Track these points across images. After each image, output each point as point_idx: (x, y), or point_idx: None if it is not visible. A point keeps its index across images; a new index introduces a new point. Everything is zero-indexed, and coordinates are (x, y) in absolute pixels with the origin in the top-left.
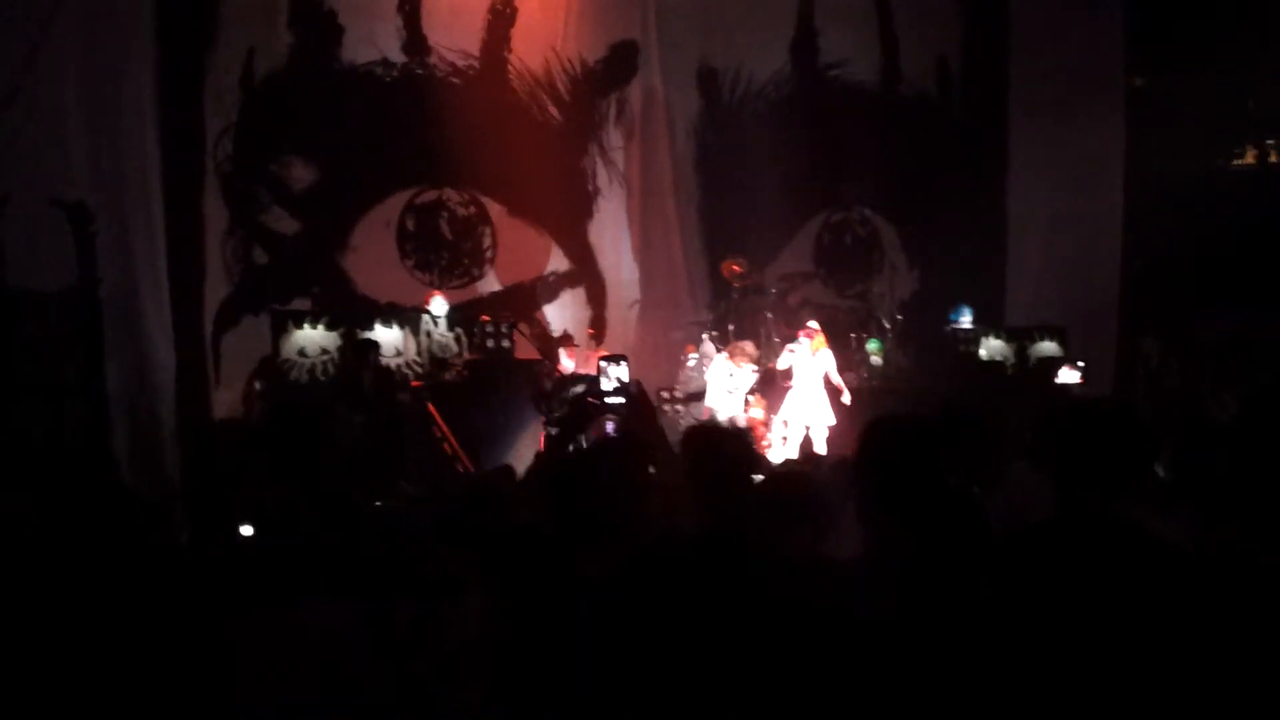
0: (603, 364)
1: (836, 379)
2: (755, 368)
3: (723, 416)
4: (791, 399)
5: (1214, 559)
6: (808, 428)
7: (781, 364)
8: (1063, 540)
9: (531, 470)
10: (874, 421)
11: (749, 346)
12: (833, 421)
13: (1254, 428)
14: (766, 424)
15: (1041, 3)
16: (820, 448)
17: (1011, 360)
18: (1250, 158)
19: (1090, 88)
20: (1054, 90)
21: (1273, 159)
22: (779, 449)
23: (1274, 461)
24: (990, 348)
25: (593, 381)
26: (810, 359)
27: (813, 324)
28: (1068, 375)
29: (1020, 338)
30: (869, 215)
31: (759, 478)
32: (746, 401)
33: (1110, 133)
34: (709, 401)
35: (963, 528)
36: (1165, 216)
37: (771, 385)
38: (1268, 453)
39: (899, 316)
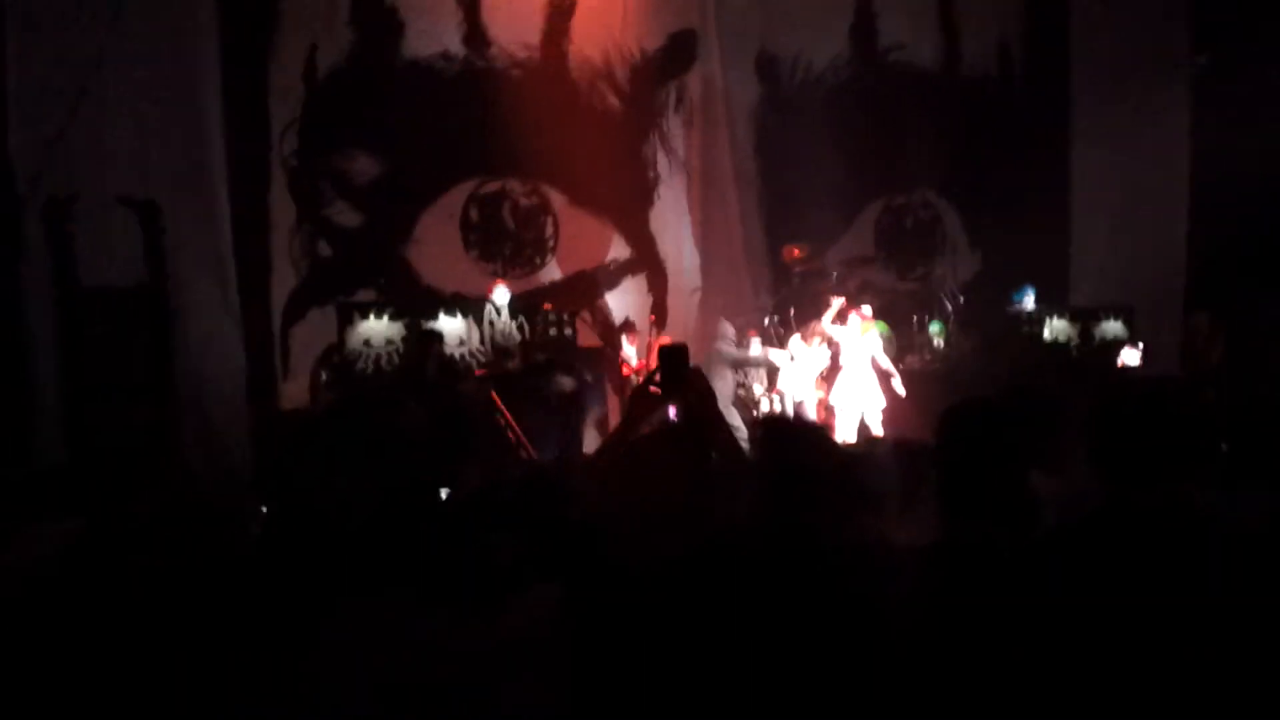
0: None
1: (885, 363)
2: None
3: (791, 399)
4: (841, 381)
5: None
6: (862, 412)
7: (826, 323)
8: (1115, 526)
9: (592, 458)
10: (958, 404)
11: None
12: (884, 404)
13: None
14: (827, 408)
15: None
16: (876, 430)
17: (1076, 341)
18: None
19: (1154, 66)
20: (1117, 69)
21: None
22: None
23: None
24: (1054, 329)
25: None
26: (858, 340)
27: (866, 309)
28: (1129, 356)
29: (1085, 319)
30: (931, 198)
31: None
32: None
33: (1175, 111)
34: (780, 384)
35: (1030, 517)
36: (1232, 195)
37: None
38: None
39: (961, 298)
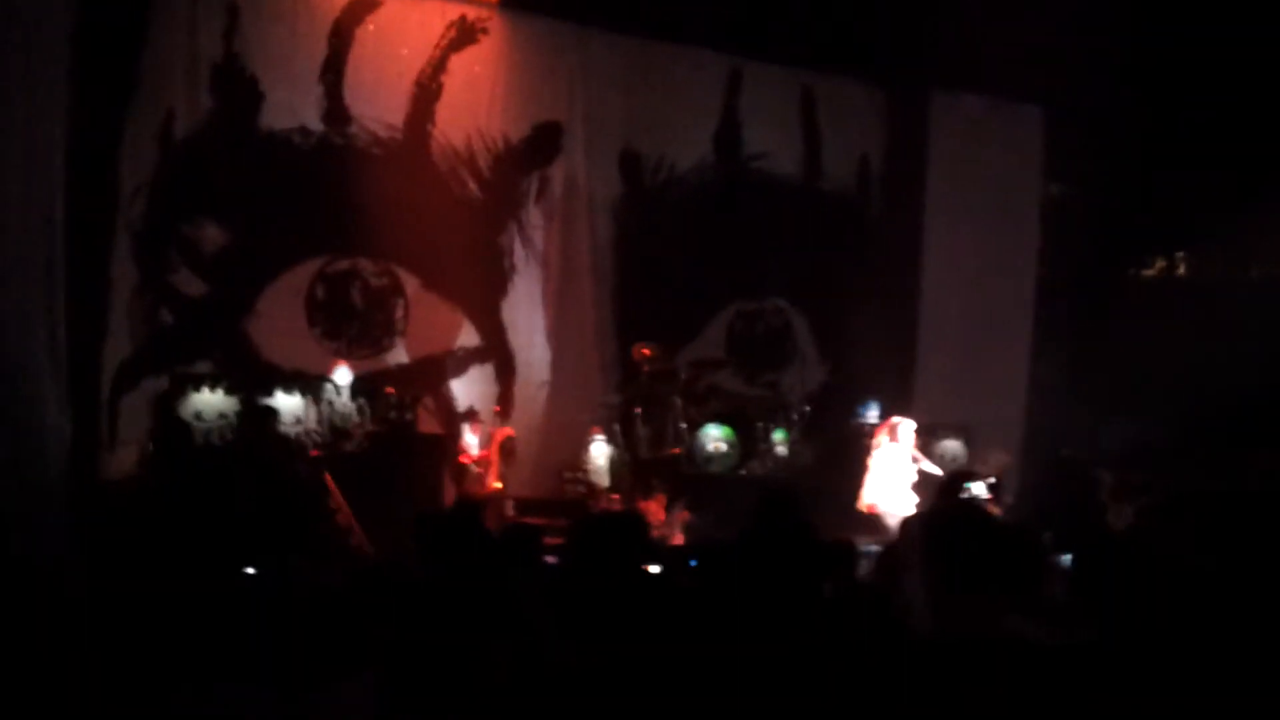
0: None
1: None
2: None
3: (891, 510)
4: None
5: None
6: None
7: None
8: (940, 652)
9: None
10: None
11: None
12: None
13: (1147, 537)
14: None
15: (963, 110)
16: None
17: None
18: (1157, 270)
19: (1007, 194)
20: (971, 194)
21: (1180, 271)
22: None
23: (1162, 570)
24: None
25: None
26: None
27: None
28: (977, 489)
29: (925, 435)
30: (783, 306)
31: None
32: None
33: (1024, 237)
34: (871, 496)
35: None
36: (1074, 322)
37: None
38: (1156, 561)
39: (807, 408)
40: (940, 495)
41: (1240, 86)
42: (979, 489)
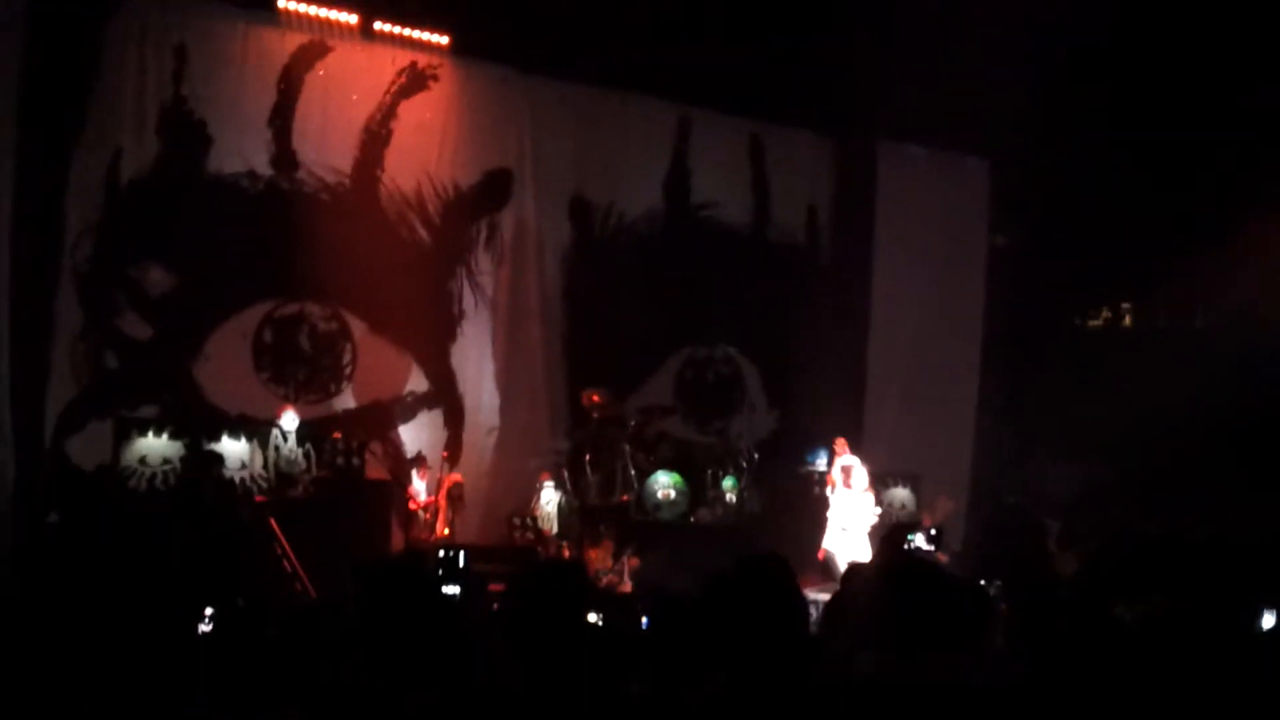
0: None
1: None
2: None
3: (842, 560)
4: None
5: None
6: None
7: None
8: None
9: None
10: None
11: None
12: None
13: (1091, 583)
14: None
15: (910, 161)
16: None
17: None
18: (1102, 319)
19: (953, 244)
20: (918, 244)
21: (1124, 320)
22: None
23: (1105, 617)
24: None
25: None
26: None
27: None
28: (919, 539)
29: (874, 483)
30: (732, 354)
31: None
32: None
33: (971, 288)
34: (826, 543)
35: None
36: (1020, 370)
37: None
38: (1100, 609)
39: (756, 455)
40: (884, 545)
41: (1182, 139)
42: (921, 539)
